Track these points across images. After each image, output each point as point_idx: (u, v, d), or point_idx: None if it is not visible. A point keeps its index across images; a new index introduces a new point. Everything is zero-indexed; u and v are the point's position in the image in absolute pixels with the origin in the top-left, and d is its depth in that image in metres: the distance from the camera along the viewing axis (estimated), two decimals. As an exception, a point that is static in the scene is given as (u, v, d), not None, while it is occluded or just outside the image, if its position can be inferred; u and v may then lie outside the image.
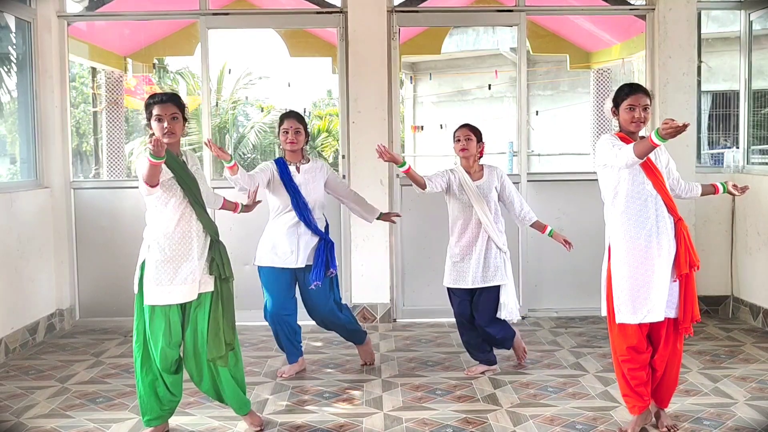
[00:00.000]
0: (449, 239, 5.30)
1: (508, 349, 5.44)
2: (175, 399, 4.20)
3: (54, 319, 6.61)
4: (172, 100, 4.05)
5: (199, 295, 4.09)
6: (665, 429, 4.16)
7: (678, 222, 4.05)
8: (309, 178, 5.18)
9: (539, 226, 5.40)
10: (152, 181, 3.83)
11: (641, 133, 4.16)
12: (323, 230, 5.22)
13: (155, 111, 4.00)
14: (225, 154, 4.54)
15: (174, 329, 4.06)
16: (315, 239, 5.17)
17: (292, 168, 5.16)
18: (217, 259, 4.11)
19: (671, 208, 4.05)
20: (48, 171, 6.69)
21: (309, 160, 5.26)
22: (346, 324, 5.42)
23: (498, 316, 5.20)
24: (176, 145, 4.10)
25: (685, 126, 3.49)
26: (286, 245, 5.11)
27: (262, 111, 19.16)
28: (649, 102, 4.06)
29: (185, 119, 4.11)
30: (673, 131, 3.50)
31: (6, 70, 6.88)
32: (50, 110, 6.70)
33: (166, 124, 3.98)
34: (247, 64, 18.92)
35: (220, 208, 4.66)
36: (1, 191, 5.93)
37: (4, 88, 6.91)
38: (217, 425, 4.40)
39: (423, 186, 5.03)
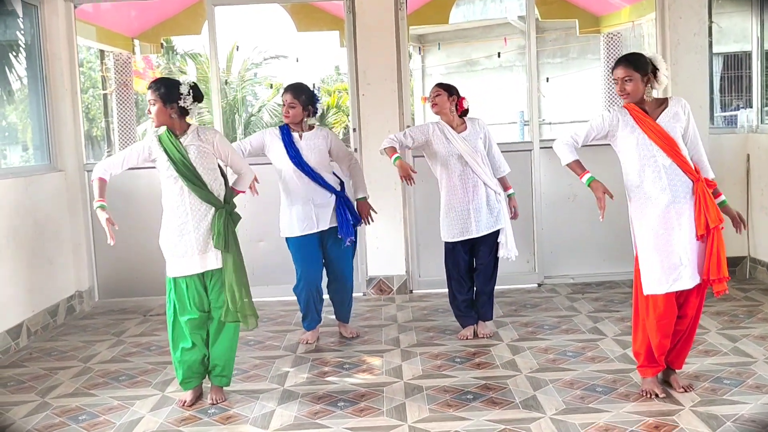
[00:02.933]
0: (443, 196, 5.37)
1: (490, 311, 5.49)
2: (201, 361, 4.38)
3: (74, 300, 6.67)
4: (151, 86, 4.27)
5: (214, 270, 4.29)
6: (682, 390, 4.16)
7: (696, 183, 4.01)
8: (310, 143, 5.28)
9: (504, 183, 5.45)
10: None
11: (656, 95, 4.13)
12: (337, 187, 5.35)
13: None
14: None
15: (193, 296, 4.28)
16: (331, 200, 5.29)
17: (295, 134, 5.29)
18: (213, 229, 4.23)
19: (688, 172, 4.00)
20: (61, 154, 6.71)
21: (312, 128, 5.36)
22: (351, 292, 5.63)
23: (499, 255, 5.37)
24: (176, 124, 4.28)
25: None
26: (302, 213, 5.24)
27: (272, 88, 19.10)
28: (631, 72, 3.99)
29: (176, 99, 4.23)
30: None
31: (15, 55, 6.88)
32: (61, 94, 6.71)
33: (149, 109, 4.29)
34: (255, 42, 18.86)
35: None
36: (16, 175, 5.96)
37: (14, 75, 6.91)
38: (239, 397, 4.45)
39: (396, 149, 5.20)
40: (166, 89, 4.22)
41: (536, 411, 4.01)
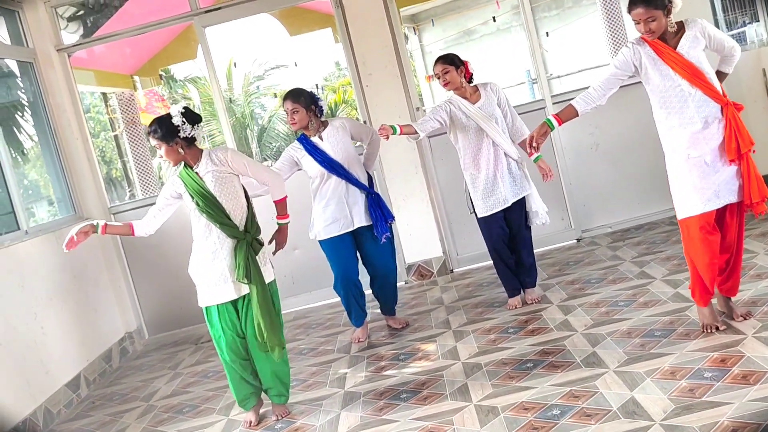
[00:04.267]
0: (466, 171, 5.29)
1: (533, 278, 5.45)
2: (252, 380, 4.37)
3: (125, 342, 6.73)
4: (149, 132, 4.21)
5: (245, 296, 4.24)
6: (741, 318, 4.09)
7: (725, 107, 3.91)
8: (333, 141, 5.23)
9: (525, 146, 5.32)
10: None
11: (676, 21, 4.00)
12: (367, 185, 5.32)
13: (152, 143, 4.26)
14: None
15: (226, 322, 4.25)
16: (363, 197, 5.26)
17: (315, 139, 5.22)
18: (238, 261, 4.16)
19: (715, 97, 3.90)
20: (84, 203, 6.77)
21: (327, 125, 5.28)
22: (395, 286, 5.59)
23: (530, 224, 5.31)
24: (189, 156, 4.22)
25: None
26: (338, 212, 5.22)
27: (276, 97, 19.08)
28: (652, 12, 3.84)
29: (176, 134, 4.14)
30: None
31: (20, 115, 6.94)
32: (72, 143, 6.76)
33: (159, 154, 4.22)
34: (252, 55, 18.81)
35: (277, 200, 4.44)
36: (45, 232, 6.01)
37: (24, 134, 6.98)
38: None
39: (416, 134, 5.03)
40: (162, 129, 4.12)
41: (599, 367, 3.97)
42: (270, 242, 4.47)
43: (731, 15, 12.36)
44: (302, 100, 5.18)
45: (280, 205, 4.44)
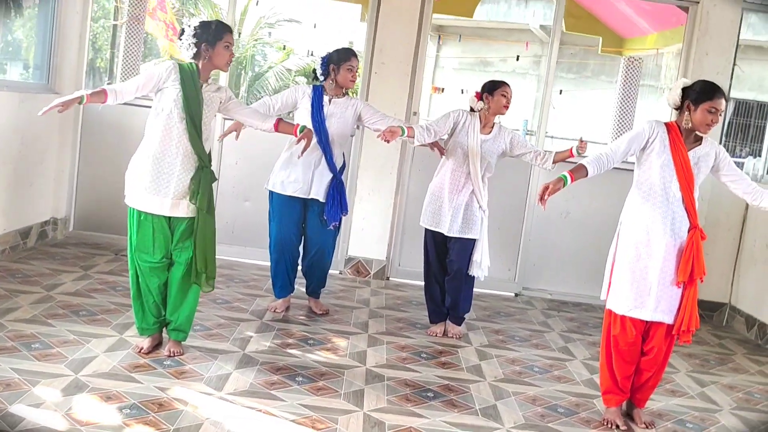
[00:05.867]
0: (435, 178, 5.27)
1: (461, 316, 5.39)
2: (158, 309, 4.29)
3: (47, 226, 6.53)
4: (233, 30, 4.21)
5: (184, 222, 4.13)
6: (643, 425, 4.10)
7: (692, 230, 3.93)
8: (337, 111, 5.16)
9: (563, 156, 5.23)
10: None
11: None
12: (338, 169, 5.23)
13: (226, 38, 4.11)
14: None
15: (159, 241, 4.14)
16: (328, 176, 5.16)
17: (326, 98, 5.16)
18: (194, 186, 4.08)
19: (691, 214, 3.93)
20: (60, 78, 6.53)
21: (344, 95, 5.24)
22: (326, 270, 5.50)
23: (469, 272, 5.21)
24: (204, 67, 4.15)
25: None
26: (299, 173, 5.13)
27: (284, 49, 18.79)
28: (724, 108, 3.88)
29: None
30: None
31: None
32: (70, 17, 6.53)
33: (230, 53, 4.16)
34: (273, 1, 18.47)
35: (275, 130, 4.33)
36: (10, 89, 5.79)
37: (27, -10, 6.73)
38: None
39: (413, 138, 4.94)
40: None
41: (494, 421, 3.94)
42: (298, 141, 4.38)
43: (732, 143, 12.59)
44: None
45: (282, 126, 4.34)
